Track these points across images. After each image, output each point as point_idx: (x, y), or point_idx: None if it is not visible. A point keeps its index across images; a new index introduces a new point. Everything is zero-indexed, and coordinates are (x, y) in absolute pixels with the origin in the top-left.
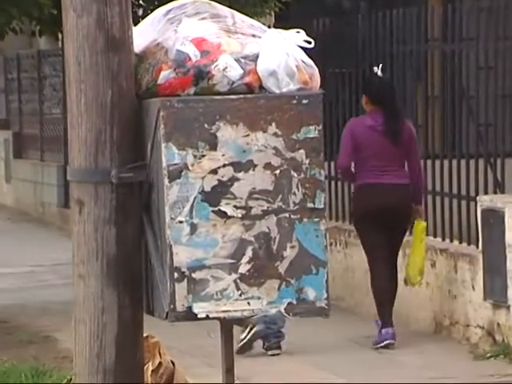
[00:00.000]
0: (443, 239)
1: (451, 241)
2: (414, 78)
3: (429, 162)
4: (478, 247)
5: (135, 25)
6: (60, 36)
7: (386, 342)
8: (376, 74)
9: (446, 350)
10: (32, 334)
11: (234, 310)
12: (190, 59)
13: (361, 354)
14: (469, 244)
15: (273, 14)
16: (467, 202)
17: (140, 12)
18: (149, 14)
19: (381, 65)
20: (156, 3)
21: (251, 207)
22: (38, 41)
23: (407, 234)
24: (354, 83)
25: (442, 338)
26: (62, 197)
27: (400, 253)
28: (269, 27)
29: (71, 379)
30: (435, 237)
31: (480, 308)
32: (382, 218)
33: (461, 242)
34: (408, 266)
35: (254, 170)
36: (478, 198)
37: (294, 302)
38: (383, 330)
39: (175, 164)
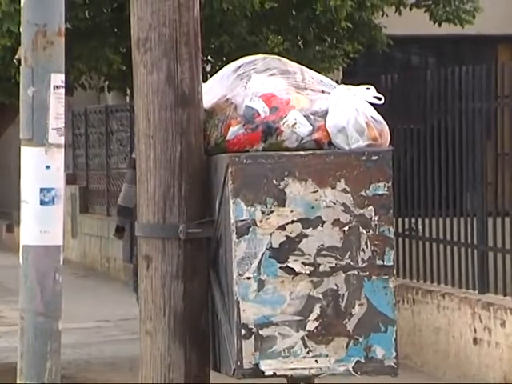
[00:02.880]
0: None
1: None
2: (484, 134)
3: (498, 220)
4: None
5: (203, 81)
6: (128, 91)
7: None
8: None
9: None
10: None
11: (302, 368)
12: (259, 115)
13: None
14: None
15: (340, 69)
16: None
17: (208, 68)
18: (217, 70)
19: None
20: (224, 59)
21: (319, 264)
22: (105, 96)
23: None
24: (423, 139)
25: None
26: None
27: None
28: (337, 82)
29: None
30: (505, 295)
31: None
32: None
33: None
34: None
35: (322, 226)
36: None
37: (363, 360)
38: None
39: (243, 220)
